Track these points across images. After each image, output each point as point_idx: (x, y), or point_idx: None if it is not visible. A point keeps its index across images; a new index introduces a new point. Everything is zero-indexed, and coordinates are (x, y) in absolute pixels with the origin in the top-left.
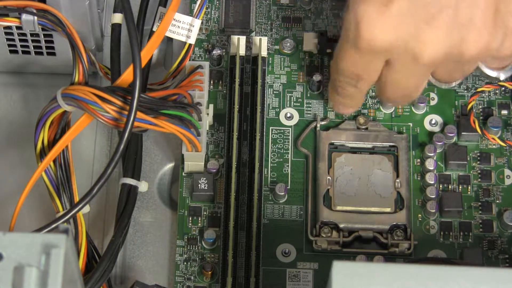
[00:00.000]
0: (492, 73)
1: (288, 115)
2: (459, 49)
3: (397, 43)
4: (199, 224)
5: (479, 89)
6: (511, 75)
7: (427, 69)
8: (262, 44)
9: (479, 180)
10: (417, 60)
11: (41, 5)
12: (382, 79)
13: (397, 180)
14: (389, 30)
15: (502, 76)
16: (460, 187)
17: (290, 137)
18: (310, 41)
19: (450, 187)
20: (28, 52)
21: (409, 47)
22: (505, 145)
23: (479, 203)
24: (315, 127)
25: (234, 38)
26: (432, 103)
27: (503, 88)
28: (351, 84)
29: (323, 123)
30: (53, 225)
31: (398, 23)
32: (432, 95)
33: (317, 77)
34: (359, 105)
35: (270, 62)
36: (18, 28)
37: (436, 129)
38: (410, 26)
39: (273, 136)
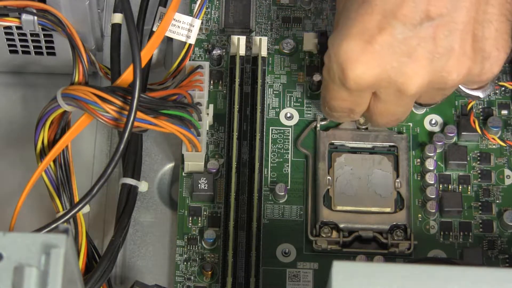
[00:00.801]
0: (473, 92)
1: (288, 115)
2: (442, 78)
3: (382, 78)
4: (199, 224)
5: None
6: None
7: (413, 99)
8: (262, 44)
9: (479, 180)
10: (402, 92)
11: (41, 5)
12: (370, 109)
13: (397, 180)
14: (374, 67)
15: (482, 95)
16: (460, 187)
17: (290, 137)
18: (310, 41)
19: (450, 187)
20: (28, 52)
21: (393, 80)
22: (505, 145)
23: (479, 203)
24: (315, 127)
25: (234, 38)
26: None
27: (503, 88)
28: (344, 115)
29: (323, 123)
30: (53, 225)
31: (382, 58)
32: None
33: (317, 77)
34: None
35: (270, 62)
36: (18, 28)
37: (436, 129)
38: (393, 60)
39: (273, 136)
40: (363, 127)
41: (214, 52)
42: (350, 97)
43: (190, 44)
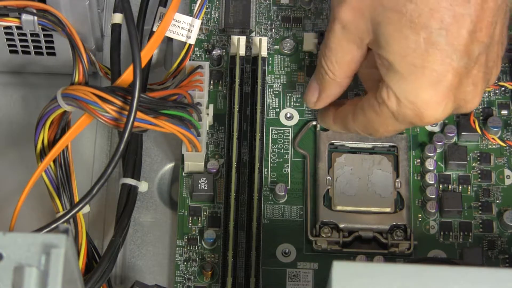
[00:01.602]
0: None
1: (288, 115)
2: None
3: (453, 109)
4: (199, 224)
5: None
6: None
7: None
8: (262, 44)
9: (479, 180)
10: (461, 112)
11: (41, 5)
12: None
13: (397, 180)
14: (449, 106)
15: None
16: (460, 187)
17: (290, 137)
18: (310, 41)
19: (450, 187)
20: (28, 52)
21: (460, 108)
22: (505, 145)
23: (479, 203)
24: (315, 126)
25: (234, 38)
26: None
27: (503, 88)
28: (365, 133)
29: None
30: (53, 225)
31: (454, 96)
32: None
33: None
34: None
35: (270, 62)
36: (18, 28)
37: (436, 129)
38: (461, 93)
39: (273, 136)
40: None
41: (214, 52)
42: (408, 126)
43: (190, 44)
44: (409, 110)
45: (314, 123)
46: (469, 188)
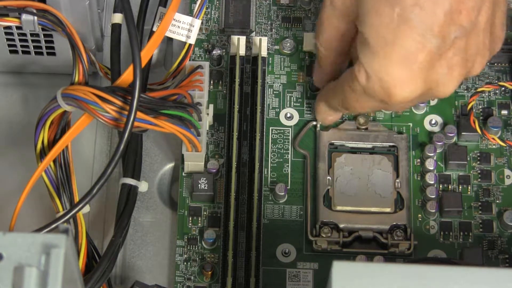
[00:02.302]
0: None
1: (288, 115)
2: (470, 74)
3: (423, 91)
4: (199, 224)
5: (479, 89)
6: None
7: None
8: (262, 44)
9: (479, 180)
10: (437, 96)
11: (41, 5)
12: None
13: (397, 180)
14: (418, 86)
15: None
16: (460, 187)
17: (290, 137)
18: (310, 41)
19: (450, 187)
20: (28, 52)
21: (433, 90)
22: (505, 145)
23: (479, 203)
24: (315, 126)
25: (234, 38)
26: (432, 103)
27: (503, 88)
28: (344, 109)
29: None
30: (53, 225)
31: (424, 76)
32: None
33: None
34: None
35: (270, 62)
36: (18, 28)
37: (436, 129)
38: (433, 74)
39: (273, 136)
40: (363, 127)
41: (214, 52)
42: (381, 103)
43: (190, 44)
44: (378, 86)
45: (314, 123)
46: (469, 188)
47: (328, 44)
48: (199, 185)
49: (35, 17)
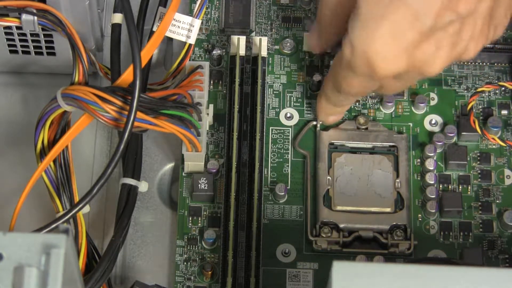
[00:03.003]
0: None
1: (288, 115)
2: (460, 58)
3: (408, 68)
4: (199, 224)
5: (479, 89)
6: None
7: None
8: (262, 44)
9: (479, 180)
10: (424, 75)
11: (41, 5)
12: (385, 86)
13: (397, 180)
14: (403, 61)
15: None
16: (460, 187)
17: (290, 137)
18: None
19: (450, 187)
20: (28, 52)
21: (419, 68)
22: (505, 145)
23: (479, 203)
24: (315, 126)
25: (234, 38)
26: (432, 103)
27: (503, 88)
28: (350, 99)
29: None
30: (53, 225)
31: (410, 53)
32: (432, 95)
33: (317, 77)
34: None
35: (270, 62)
36: (18, 28)
37: (436, 129)
38: (420, 53)
39: (273, 136)
40: (363, 127)
41: (214, 52)
42: (369, 82)
43: (190, 44)
44: (361, 59)
45: (314, 123)
46: (469, 188)
47: (329, 15)
48: (199, 185)
49: (35, 17)
